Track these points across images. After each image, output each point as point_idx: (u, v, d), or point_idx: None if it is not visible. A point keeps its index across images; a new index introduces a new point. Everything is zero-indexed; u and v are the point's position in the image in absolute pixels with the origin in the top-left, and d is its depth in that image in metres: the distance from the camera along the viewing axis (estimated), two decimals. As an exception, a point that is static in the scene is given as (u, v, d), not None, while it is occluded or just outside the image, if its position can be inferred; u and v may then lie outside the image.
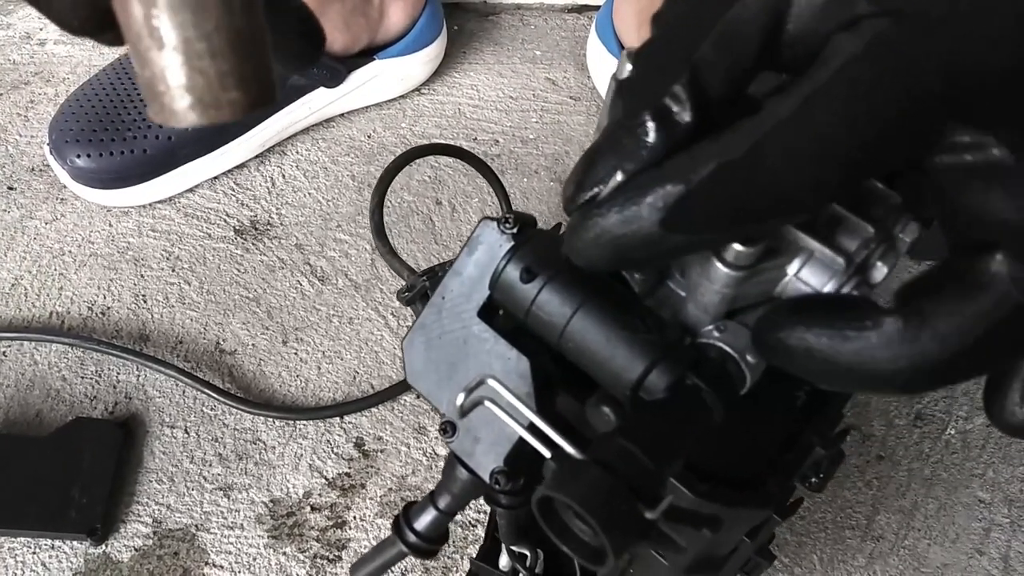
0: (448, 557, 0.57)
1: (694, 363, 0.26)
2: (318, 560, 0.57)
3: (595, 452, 0.23)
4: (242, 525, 0.58)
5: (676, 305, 0.28)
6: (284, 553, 0.57)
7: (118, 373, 0.64)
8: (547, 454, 0.27)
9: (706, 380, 0.25)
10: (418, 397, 0.64)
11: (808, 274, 0.25)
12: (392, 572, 0.52)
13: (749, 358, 0.26)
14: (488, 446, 0.30)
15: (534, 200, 0.74)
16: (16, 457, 0.58)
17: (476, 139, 0.78)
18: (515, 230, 0.30)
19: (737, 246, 0.24)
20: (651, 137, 0.22)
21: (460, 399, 0.28)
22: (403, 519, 0.34)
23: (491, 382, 0.28)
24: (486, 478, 0.30)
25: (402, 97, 0.80)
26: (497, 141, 0.78)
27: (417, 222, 0.72)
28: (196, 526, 0.58)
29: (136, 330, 0.66)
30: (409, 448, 0.61)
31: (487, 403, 0.28)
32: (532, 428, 0.28)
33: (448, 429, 0.31)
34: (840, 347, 0.22)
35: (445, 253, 0.71)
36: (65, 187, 0.72)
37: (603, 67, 0.79)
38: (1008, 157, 0.21)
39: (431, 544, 0.34)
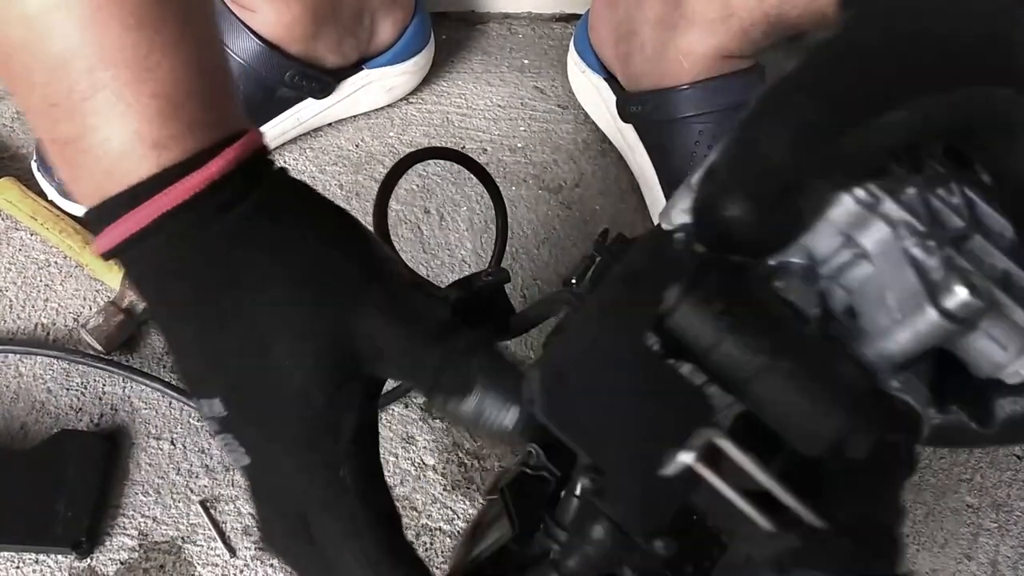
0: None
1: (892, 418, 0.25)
2: (306, 572, 0.56)
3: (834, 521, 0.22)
4: (229, 537, 0.58)
5: (850, 347, 0.26)
6: (271, 565, 0.57)
7: (104, 385, 0.63)
8: (765, 524, 0.24)
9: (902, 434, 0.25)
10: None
11: (999, 333, 0.24)
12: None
13: (931, 413, 0.25)
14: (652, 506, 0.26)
15: (522, 208, 0.74)
16: (0, 470, 0.57)
17: (464, 148, 0.78)
18: (697, 248, 0.26)
19: (964, 295, 0.23)
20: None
21: (686, 457, 0.25)
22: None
23: (719, 440, 0.25)
24: (641, 539, 0.27)
25: (390, 106, 0.80)
26: (485, 150, 0.78)
27: (405, 231, 0.72)
28: (183, 538, 0.57)
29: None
30: (397, 459, 0.61)
31: (704, 472, 0.25)
32: (757, 495, 0.24)
33: (600, 487, 0.26)
34: None
35: (433, 262, 0.71)
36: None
37: (582, 82, 0.79)
38: None
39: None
